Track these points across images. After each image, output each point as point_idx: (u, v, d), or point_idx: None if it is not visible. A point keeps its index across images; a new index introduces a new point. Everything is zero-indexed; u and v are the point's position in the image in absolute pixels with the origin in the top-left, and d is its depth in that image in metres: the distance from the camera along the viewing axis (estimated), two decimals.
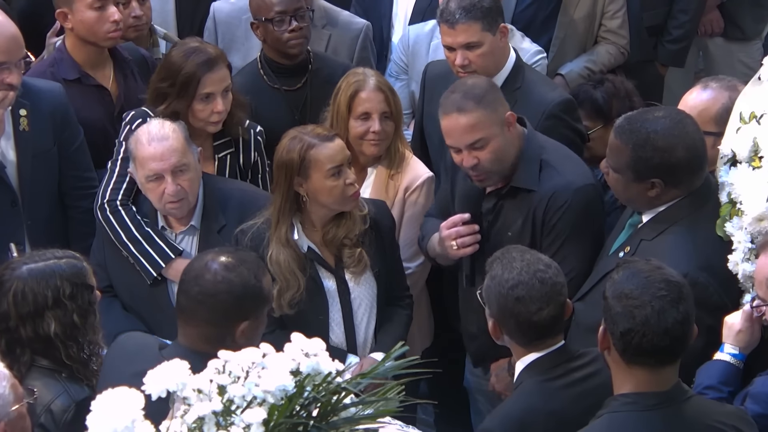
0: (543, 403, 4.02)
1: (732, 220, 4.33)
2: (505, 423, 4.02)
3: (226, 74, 5.26)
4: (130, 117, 5.30)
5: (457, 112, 4.70)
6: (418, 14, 6.40)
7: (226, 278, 3.94)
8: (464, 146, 4.72)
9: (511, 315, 4.05)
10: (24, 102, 5.22)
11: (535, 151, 4.84)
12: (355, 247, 4.87)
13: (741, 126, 4.41)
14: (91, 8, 5.50)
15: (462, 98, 4.71)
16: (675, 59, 7.06)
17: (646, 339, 3.60)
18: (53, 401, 3.94)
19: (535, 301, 4.02)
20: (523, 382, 4.10)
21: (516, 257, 4.12)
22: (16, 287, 4.02)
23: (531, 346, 4.09)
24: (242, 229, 4.91)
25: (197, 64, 5.16)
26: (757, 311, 4.12)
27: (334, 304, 4.90)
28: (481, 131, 4.70)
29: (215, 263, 3.97)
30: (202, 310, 3.93)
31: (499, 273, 4.09)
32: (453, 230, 4.85)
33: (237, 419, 3.11)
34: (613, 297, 3.67)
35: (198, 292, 3.94)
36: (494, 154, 4.73)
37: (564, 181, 4.79)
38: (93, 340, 4.10)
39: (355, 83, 5.25)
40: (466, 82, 4.85)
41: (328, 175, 4.76)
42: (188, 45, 5.29)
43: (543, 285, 4.04)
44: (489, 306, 4.13)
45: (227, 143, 5.39)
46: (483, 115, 4.70)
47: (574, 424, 3.83)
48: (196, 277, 3.97)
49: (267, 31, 5.70)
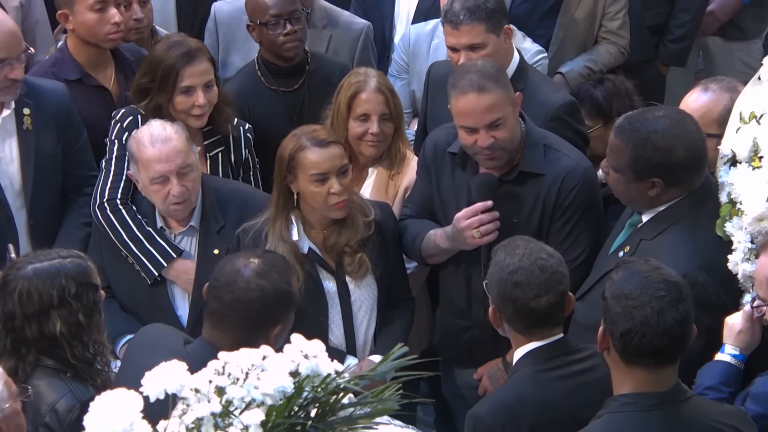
0: (535, 393, 4.03)
1: (732, 220, 4.33)
2: (494, 409, 4.03)
3: (208, 68, 5.25)
4: (120, 115, 5.31)
5: (478, 92, 4.71)
6: (421, 14, 6.41)
7: (259, 285, 4.00)
8: (483, 125, 4.74)
9: (510, 300, 4.06)
10: (28, 101, 5.23)
11: (537, 137, 4.90)
12: (355, 253, 4.87)
13: (741, 126, 4.41)
14: (92, 10, 5.51)
15: (480, 78, 4.73)
16: (677, 59, 7.06)
17: (646, 339, 3.60)
18: (58, 401, 3.94)
19: (533, 287, 4.04)
20: (517, 371, 4.11)
21: (520, 245, 4.15)
22: (21, 287, 4.02)
23: (529, 333, 4.09)
24: (244, 229, 4.91)
25: (176, 57, 5.18)
26: (757, 311, 4.12)
27: (333, 305, 4.90)
28: (500, 110, 4.73)
29: (247, 269, 4.03)
30: (234, 316, 3.99)
31: (501, 259, 4.12)
32: (476, 219, 4.81)
33: (235, 420, 3.11)
34: (613, 297, 3.67)
35: (231, 299, 3.99)
36: (510, 133, 4.77)
37: (572, 162, 4.87)
38: (98, 340, 4.10)
39: (355, 84, 5.26)
40: (476, 64, 4.86)
41: (311, 180, 4.77)
42: (170, 39, 5.33)
43: (543, 272, 4.06)
44: (490, 292, 4.16)
45: (217, 141, 5.39)
46: (502, 95, 4.74)
47: (566, 416, 3.87)
48: (229, 283, 4.01)
49: (262, 33, 5.70)
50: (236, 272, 4.03)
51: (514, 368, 4.14)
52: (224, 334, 3.98)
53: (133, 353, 4.30)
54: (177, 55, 5.20)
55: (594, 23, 6.54)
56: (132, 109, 5.30)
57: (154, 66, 5.23)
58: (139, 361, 3.93)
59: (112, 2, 5.55)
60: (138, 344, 4.30)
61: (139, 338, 4.33)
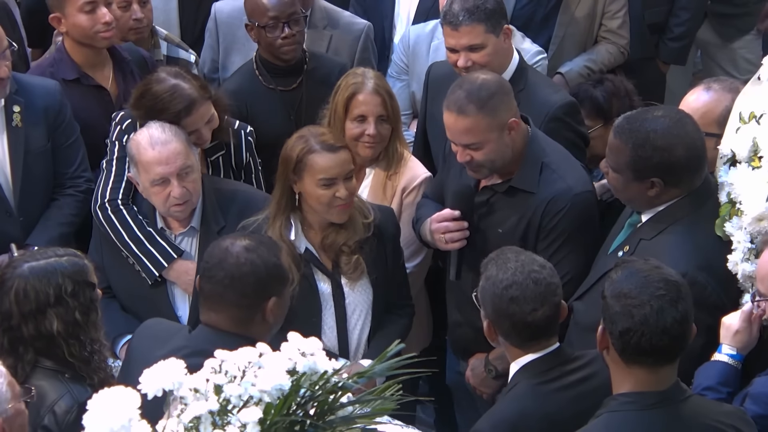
0: (537, 407, 4.02)
1: (732, 220, 4.33)
2: (498, 426, 4.01)
3: (207, 109, 5.15)
4: (120, 117, 5.31)
5: (457, 113, 4.71)
6: (422, 15, 6.41)
7: (249, 259, 4.00)
8: (459, 144, 4.75)
9: (506, 315, 4.04)
10: (18, 98, 5.25)
11: (537, 153, 4.84)
12: (352, 254, 4.87)
13: (741, 126, 4.41)
14: (82, 11, 5.52)
15: (465, 98, 4.70)
16: (677, 57, 7.06)
17: (645, 338, 3.60)
18: (57, 402, 3.94)
19: (529, 301, 4.02)
20: (517, 384, 4.09)
21: (510, 258, 4.12)
22: (18, 285, 4.02)
23: (526, 347, 4.08)
24: (244, 225, 4.92)
25: (177, 110, 5.06)
26: (757, 306, 4.11)
27: (327, 307, 4.90)
28: (476, 136, 4.71)
29: (236, 246, 4.04)
30: (229, 293, 3.98)
31: (493, 274, 4.09)
32: (442, 225, 4.89)
33: (233, 419, 3.12)
34: (612, 296, 3.66)
35: (224, 276, 3.99)
36: (488, 156, 4.75)
37: (564, 185, 4.80)
38: (95, 338, 4.10)
39: (353, 85, 5.24)
40: (476, 80, 4.79)
41: (319, 183, 4.76)
42: (168, 83, 5.11)
43: (537, 285, 4.04)
44: (484, 307, 4.13)
45: (218, 146, 5.38)
46: (480, 121, 4.70)
47: (569, 427, 3.82)
48: (220, 261, 4.02)
49: (260, 35, 5.70)
50: (225, 250, 4.04)
51: (511, 382, 4.12)
52: (222, 314, 3.98)
53: (138, 348, 4.31)
54: (178, 109, 5.05)
55: (594, 22, 6.54)
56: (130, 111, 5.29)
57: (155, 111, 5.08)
58: (144, 355, 3.97)
59: (101, 2, 5.54)
60: (143, 336, 4.32)
61: (142, 332, 4.35)
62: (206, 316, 4.04)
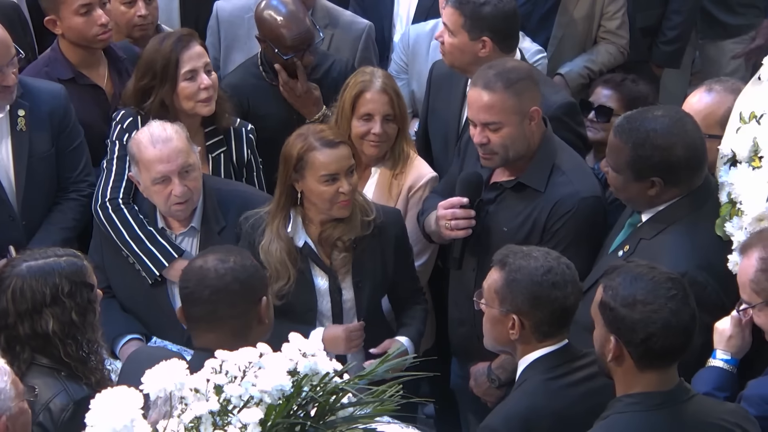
0: (547, 402, 4.01)
1: (732, 220, 4.33)
2: (510, 422, 4.00)
3: (202, 51, 5.29)
4: (120, 116, 5.32)
5: (483, 88, 4.73)
6: (421, 14, 6.40)
7: (227, 268, 3.99)
8: (479, 122, 4.75)
9: (548, 302, 4.02)
10: (23, 102, 5.24)
11: (550, 153, 4.84)
12: (346, 251, 4.87)
13: (741, 126, 4.41)
14: (78, 14, 5.51)
15: (494, 76, 4.73)
16: (670, 60, 7.03)
17: (668, 341, 3.62)
18: (52, 400, 3.94)
19: (568, 284, 4.03)
20: (526, 380, 4.08)
21: (525, 249, 4.11)
22: (15, 284, 4.02)
23: (550, 337, 4.05)
24: (246, 216, 4.93)
25: (171, 45, 5.21)
26: (744, 314, 4.11)
27: (323, 303, 4.90)
28: (498, 115, 4.72)
29: (209, 262, 4.02)
30: (221, 307, 3.96)
31: (524, 264, 4.05)
32: (449, 211, 4.86)
33: (234, 419, 3.12)
34: (624, 306, 3.65)
35: (210, 293, 3.96)
36: (505, 140, 4.75)
37: (571, 189, 4.79)
38: (92, 339, 4.09)
39: (361, 83, 5.24)
40: (506, 63, 4.85)
41: (321, 180, 4.77)
42: (156, 37, 5.37)
43: (570, 269, 4.06)
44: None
45: (219, 142, 5.39)
46: (505, 100, 4.71)
47: (578, 423, 3.84)
48: (199, 281, 3.99)
49: (271, 52, 5.63)
50: (200, 269, 4.01)
51: (520, 378, 4.11)
52: (219, 331, 3.94)
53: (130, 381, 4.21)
54: (171, 44, 5.22)
55: (593, 23, 6.53)
56: (131, 110, 5.31)
57: (150, 63, 5.24)
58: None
59: (97, 3, 5.53)
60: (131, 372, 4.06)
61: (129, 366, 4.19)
62: (202, 340, 3.99)
